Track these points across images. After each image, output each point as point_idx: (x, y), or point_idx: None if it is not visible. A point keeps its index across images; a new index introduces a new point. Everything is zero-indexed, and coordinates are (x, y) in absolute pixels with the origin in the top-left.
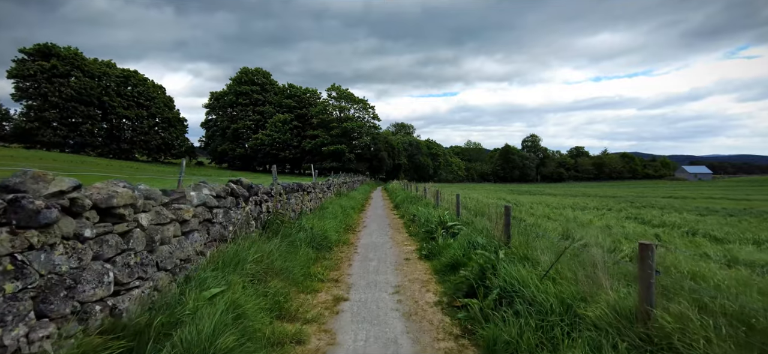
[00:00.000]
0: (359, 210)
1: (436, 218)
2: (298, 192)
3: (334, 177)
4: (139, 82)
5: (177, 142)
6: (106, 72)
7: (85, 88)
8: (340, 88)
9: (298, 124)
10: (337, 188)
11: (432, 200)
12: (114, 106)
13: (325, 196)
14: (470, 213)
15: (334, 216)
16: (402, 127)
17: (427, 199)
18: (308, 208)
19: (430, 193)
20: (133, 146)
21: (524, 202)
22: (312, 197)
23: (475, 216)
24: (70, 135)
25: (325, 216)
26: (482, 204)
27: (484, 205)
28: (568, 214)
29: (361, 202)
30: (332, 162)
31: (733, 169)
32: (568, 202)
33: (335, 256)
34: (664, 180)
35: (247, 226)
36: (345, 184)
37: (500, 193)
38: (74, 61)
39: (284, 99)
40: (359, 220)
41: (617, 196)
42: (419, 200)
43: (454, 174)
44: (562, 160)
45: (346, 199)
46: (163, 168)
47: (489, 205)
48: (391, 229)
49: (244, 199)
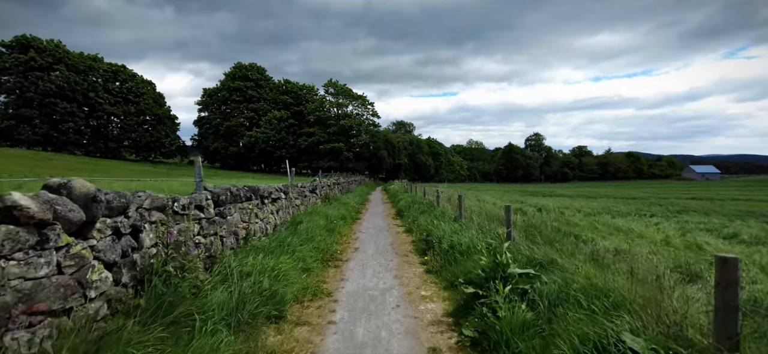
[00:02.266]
0: (352, 220)
1: (481, 253)
2: (245, 202)
3: (322, 177)
4: (128, 77)
5: (167, 141)
6: (92, 66)
7: (69, 83)
8: (338, 84)
9: (295, 121)
10: (325, 191)
11: (449, 209)
12: (100, 103)
13: (306, 202)
14: (522, 232)
15: (309, 237)
16: (402, 126)
17: (441, 207)
18: (268, 226)
19: (443, 198)
20: (120, 145)
21: (550, 206)
22: (280, 207)
23: (543, 241)
24: (52, 133)
25: (288, 244)
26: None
27: (527, 218)
28: (614, 223)
29: (356, 208)
30: (329, 161)
31: (735, 169)
32: (596, 206)
33: (286, 339)
34: (671, 180)
35: None
36: (338, 185)
37: (510, 195)
38: (57, 54)
39: (280, 95)
40: (349, 237)
41: (637, 197)
42: (431, 209)
43: (455, 174)
44: (565, 159)
45: (336, 205)
46: (150, 168)
47: (542, 219)
48: (396, 256)
49: None
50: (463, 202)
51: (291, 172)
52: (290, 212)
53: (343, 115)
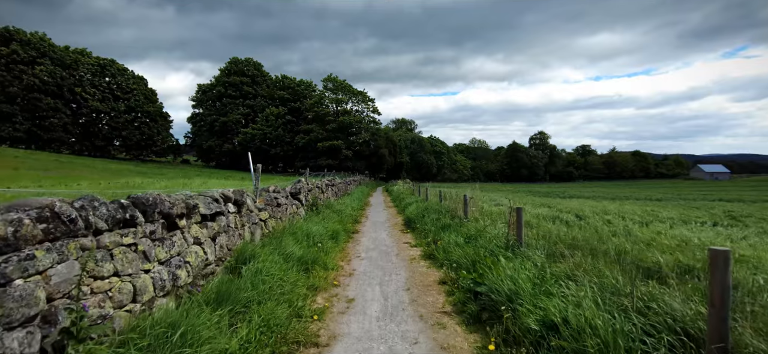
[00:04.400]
0: (346, 236)
1: None
2: (102, 234)
3: (311, 177)
4: (118, 72)
5: (159, 139)
6: (79, 60)
7: (54, 77)
8: (337, 79)
9: (292, 118)
10: (313, 195)
11: (486, 223)
12: (87, 99)
13: (281, 214)
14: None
15: (259, 293)
16: (402, 123)
17: (473, 219)
18: (181, 273)
19: (473, 207)
20: (109, 143)
21: (585, 211)
22: (224, 228)
23: None
24: (36, 130)
25: (193, 334)
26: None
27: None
28: (684, 235)
29: (353, 217)
30: (328, 159)
31: (737, 168)
32: (631, 210)
33: None
34: (679, 179)
35: None
36: (332, 187)
37: (525, 197)
38: (41, 47)
39: (277, 91)
40: (338, 272)
41: (659, 197)
42: (455, 221)
43: (458, 173)
44: (570, 158)
45: (326, 214)
46: (142, 168)
47: (604, 232)
48: (423, 325)
49: None
50: (521, 219)
51: (256, 170)
52: (249, 233)
53: (343, 111)
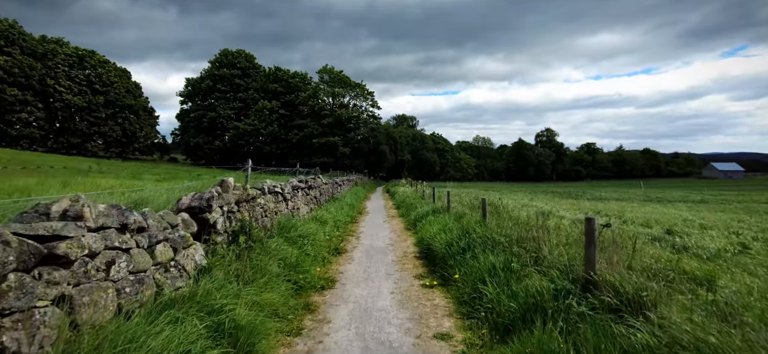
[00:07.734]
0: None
1: None
2: None
3: (253, 175)
4: (99, 63)
5: (142, 135)
6: (54, 50)
7: (22, 68)
8: (334, 71)
9: (286, 112)
10: (248, 214)
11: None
12: (60, 92)
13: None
14: None
15: None
16: (403, 120)
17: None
18: None
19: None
20: (87, 139)
21: (627, 216)
22: None
23: None
24: (2, 126)
25: None
26: None
27: None
28: None
29: (341, 234)
30: (323, 157)
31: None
32: (680, 217)
33: None
34: (692, 178)
35: None
36: (305, 190)
37: (542, 198)
38: (10, 35)
39: (269, 84)
40: None
41: (709, 200)
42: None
43: (462, 172)
44: (577, 156)
45: (292, 240)
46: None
47: None
48: None
49: None
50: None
51: None
52: None
53: (340, 105)
